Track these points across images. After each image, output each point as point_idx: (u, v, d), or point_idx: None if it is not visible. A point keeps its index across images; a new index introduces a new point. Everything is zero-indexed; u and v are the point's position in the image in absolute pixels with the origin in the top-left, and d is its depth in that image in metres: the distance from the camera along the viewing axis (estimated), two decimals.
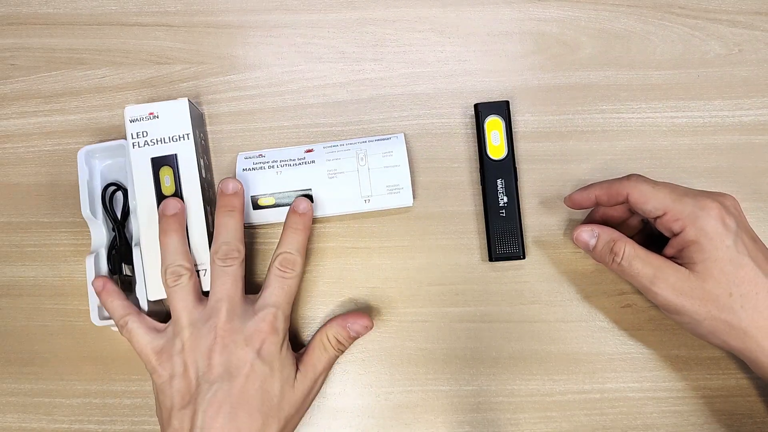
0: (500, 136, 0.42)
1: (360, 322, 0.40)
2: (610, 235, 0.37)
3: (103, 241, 0.42)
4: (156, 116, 0.41)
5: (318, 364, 0.39)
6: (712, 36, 0.46)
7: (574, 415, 0.41)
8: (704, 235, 0.34)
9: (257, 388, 0.36)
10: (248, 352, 0.36)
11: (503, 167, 0.42)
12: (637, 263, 0.36)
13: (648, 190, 0.36)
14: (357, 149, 0.42)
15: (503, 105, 0.43)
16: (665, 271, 0.35)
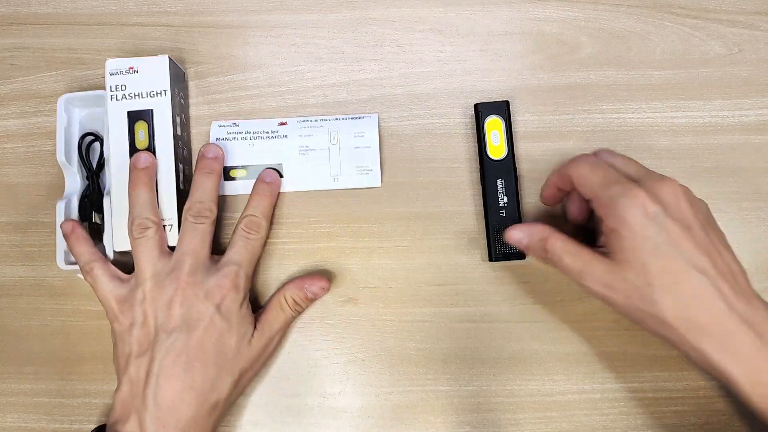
0: (500, 136, 0.42)
1: (317, 283, 0.41)
2: (541, 232, 0.37)
3: (77, 188, 0.44)
4: (136, 71, 0.42)
5: (275, 323, 0.40)
6: (712, 36, 0.46)
7: (574, 415, 0.41)
8: (623, 223, 0.33)
9: (214, 342, 0.37)
10: (208, 306, 0.37)
11: (503, 167, 0.42)
12: (567, 259, 0.35)
13: (585, 173, 0.36)
14: (330, 126, 0.43)
15: (503, 105, 0.43)
16: (592, 264, 0.34)
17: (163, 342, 0.36)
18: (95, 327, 0.43)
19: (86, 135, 0.45)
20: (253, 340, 0.39)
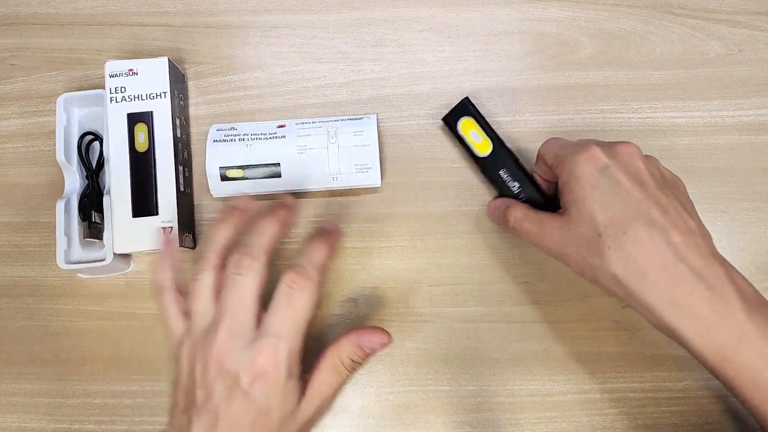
0: (479, 132, 0.41)
1: (377, 339, 0.35)
2: (504, 202, 0.39)
3: (76, 188, 0.44)
4: (135, 73, 0.43)
5: (328, 389, 0.34)
6: (711, 36, 0.46)
7: (575, 415, 0.41)
8: (572, 176, 0.34)
9: (250, 421, 0.31)
10: (242, 382, 0.31)
11: (498, 157, 0.41)
12: (526, 224, 0.37)
13: (550, 143, 0.37)
14: (328, 127, 0.43)
15: (465, 103, 0.42)
16: (548, 224, 0.35)
17: (201, 409, 0.31)
18: (96, 327, 0.43)
19: (86, 134, 0.45)
20: (300, 412, 0.33)
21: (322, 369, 0.34)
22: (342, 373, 0.34)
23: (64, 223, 0.42)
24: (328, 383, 0.34)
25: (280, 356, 0.32)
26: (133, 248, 0.42)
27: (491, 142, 0.41)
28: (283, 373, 0.32)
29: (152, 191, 0.42)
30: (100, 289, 0.44)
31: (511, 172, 0.41)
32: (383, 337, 0.35)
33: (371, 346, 0.34)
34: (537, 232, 0.36)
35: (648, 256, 0.31)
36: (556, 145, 0.37)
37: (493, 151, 0.41)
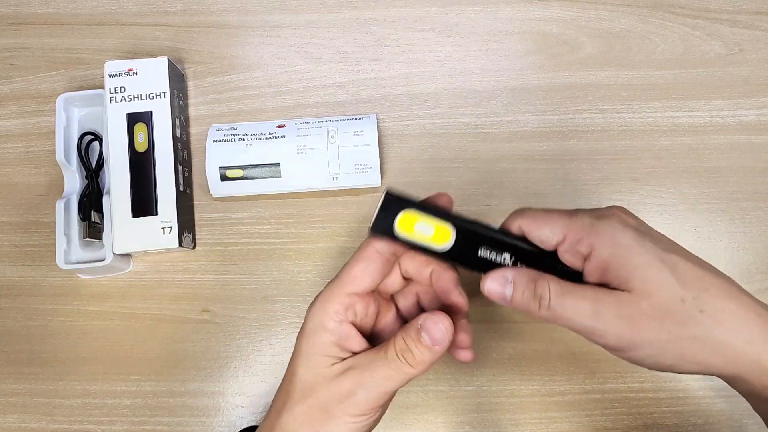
0: (426, 221, 0.30)
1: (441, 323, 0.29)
2: (527, 275, 0.29)
3: (76, 187, 0.44)
4: (135, 73, 0.43)
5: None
6: (712, 36, 0.46)
7: (575, 415, 0.41)
8: (618, 245, 0.27)
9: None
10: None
11: (467, 237, 0.30)
12: (570, 301, 0.28)
13: (539, 214, 0.29)
14: (328, 127, 0.43)
15: (390, 197, 0.30)
16: (605, 300, 0.27)
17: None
18: (95, 327, 0.43)
19: (85, 134, 0.45)
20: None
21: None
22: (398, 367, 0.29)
23: (63, 223, 0.42)
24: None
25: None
26: (132, 248, 0.42)
27: (448, 224, 0.30)
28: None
29: (152, 191, 0.42)
30: (99, 290, 0.44)
31: (494, 243, 0.30)
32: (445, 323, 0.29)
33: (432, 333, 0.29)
34: (590, 312, 0.27)
35: (740, 308, 0.27)
36: (552, 218, 0.29)
37: (457, 234, 0.30)
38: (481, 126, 0.45)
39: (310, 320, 0.30)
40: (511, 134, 0.45)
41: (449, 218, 0.30)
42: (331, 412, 0.29)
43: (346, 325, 0.30)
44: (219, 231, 0.44)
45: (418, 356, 0.29)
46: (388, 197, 0.30)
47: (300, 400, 0.30)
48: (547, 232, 0.29)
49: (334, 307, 0.29)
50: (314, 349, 0.30)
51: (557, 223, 0.29)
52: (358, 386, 0.29)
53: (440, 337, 0.29)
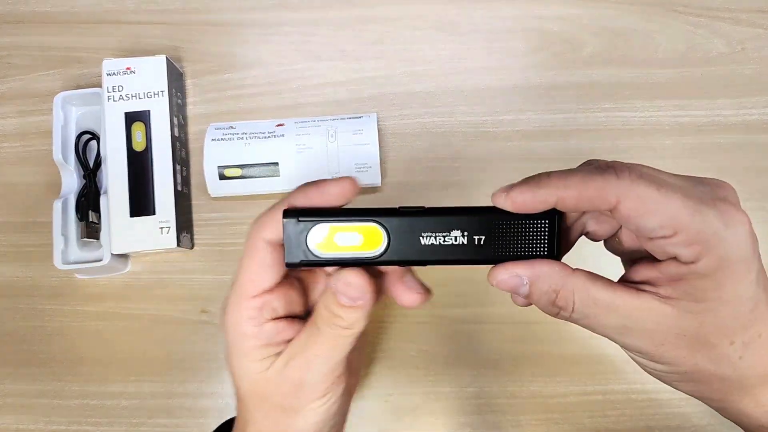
0: (346, 229, 0.25)
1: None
2: (549, 280, 0.24)
3: (74, 187, 0.43)
4: (133, 71, 0.42)
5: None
6: (715, 34, 0.46)
7: (576, 416, 0.41)
8: (727, 267, 0.23)
9: None
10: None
11: (402, 229, 0.25)
12: (597, 314, 0.24)
13: (654, 196, 0.22)
14: (328, 126, 0.42)
15: (290, 216, 0.25)
16: (640, 315, 0.24)
17: None
18: (93, 328, 0.43)
19: (83, 133, 0.44)
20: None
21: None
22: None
23: (61, 223, 0.42)
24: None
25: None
26: (130, 248, 0.41)
27: (371, 222, 0.25)
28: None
29: (150, 191, 0.41)
30: (97, 290, 0.44)
31: (443, 223, 0.25)
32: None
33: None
34: (619, 328, 0.24)
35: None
36: (671, 201, 0.22)
37: (388, 229, 0.25)
38: (482, 125, 0.45)
39: (227, 334, 0.27)
40: (512, 133, 0.44)
41: (370, 215, 0.25)
42: (293, 408, 0.27)
43: (268, 325, 0.27)
44: (217, 231, 0.44)
45: (348, 317, 0.26)
46: (288, 218, 0.25)
47: (257, 413, 0.28)
48: (654, 224, 0.22)
49: (246, 314, 0.27)
50: (245, 361, 0.27)
51: (675, 214, 0.22)
52: (305, 372, 0.27)
53: (358, 294, 0.25)
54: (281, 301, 0.27)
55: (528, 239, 0.25)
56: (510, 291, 0.26)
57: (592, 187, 0.23)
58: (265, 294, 0.27)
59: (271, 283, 0.27)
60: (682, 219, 0.22)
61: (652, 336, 0.24)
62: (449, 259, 0.26)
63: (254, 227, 0.27)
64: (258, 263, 0.27)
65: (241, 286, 0.27)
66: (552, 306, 0.25)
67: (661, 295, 0.24)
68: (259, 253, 0.27)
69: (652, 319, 0.24)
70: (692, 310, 0.24)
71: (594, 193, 0.23)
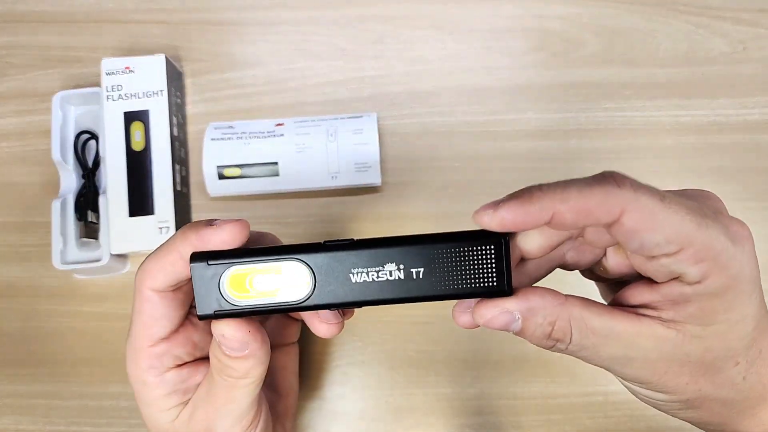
0: (264, 271, 0.23)
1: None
2: (543, 311, 0.22)
3: (72, 187, 0.43)
4: (132, 71, 0.42)
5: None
6: (716, 33, 0.46)
7: (578, 417, 0.41)
8: (737, 287, 0.21)
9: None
10: None
11: (328, 267, 0.23)
12: (596, 344, 0.22)
13: (658, 208, 0.20)
14: (327, 125, 0.42)
15: (199, 262, 0.23)
16: (642, 343, 0.22)
17: None
18: (92, 328, 0.43)
19: (82, 133, 0.44)
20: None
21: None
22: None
23: (60, 223, 0.42)
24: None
25: None
26: (129, 248, 0.41)
27: (295, 261, 0.22)
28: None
29: (149, 190, 0.41)
30: (96, 290, 0.43)
31: (375, 256, 0.23)
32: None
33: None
34: (621, 358, 0.22)
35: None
36: (676, 215, 0.21)
37: (315, 272, 0.22)
38: (482, 124, 0.44)
39: (131, 383, 0.27)
40: (512, 133, 0.44)
41: (292, 252, 0.22)
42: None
43: (170, 373, 0.26)
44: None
45: (239, 368, 0.24)
46: (196, 262, 0.22)
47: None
48: (659, 239, 0.20)
49: (145, 363, 0.26)
50: (151, 411, 0.26)
51: (681, 229, 0.20)
52: (212, 422, 0.26)
53: (238, 346, 0.23)
54: (183, 347, 0.26)
55: (473, 269, 0.22)
56: (500, 329, 0.22)
57: (593, 199, 0.20)
58: (162, 342, 0.26)
59: (166, 333, 0.26)
60: (688, 233, 0.21)
61: (655, 365, 0.22)
62: (386, 299, 0.23)
63: (139, 276, 0.25)
64: (148, 315, 0.25)
65: (136, 335, 0.26)
66: (547, 339, 0.23)
67: (664, 320, 0.22)
68: (148, 303, 0.25)
69: (655, 347, 0.22)
70: (698, 334, 0.22)
71: (595, 205, 0.20)
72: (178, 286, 0.25)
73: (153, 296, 0.25)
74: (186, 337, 0.26)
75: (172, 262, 0.24)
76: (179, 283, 0.25)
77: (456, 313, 0.24)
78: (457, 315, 0.24)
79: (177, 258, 0.24)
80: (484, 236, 0.22)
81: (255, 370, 0.25)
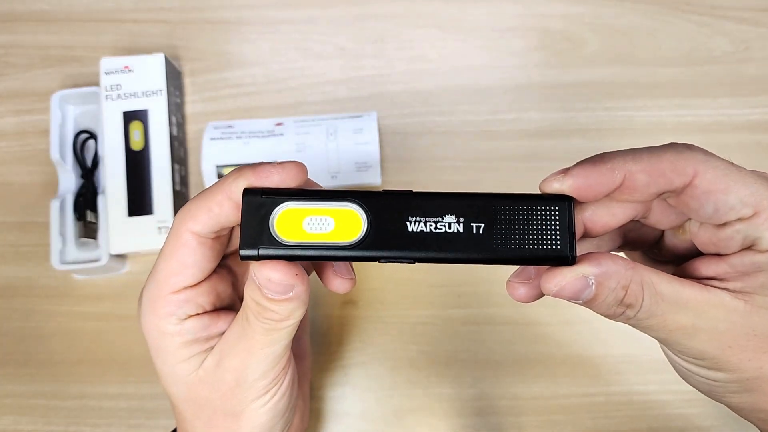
0: (315, 212, 0.21)
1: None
2: (618, 276, 0.21)
3: (71, 186, 0.43)
4: (131, 70, 0.42)
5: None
6: (718, 33, 0.45)
7: (579, 418, 0.40)
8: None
9: None
10: None
11: (387, 209, 0.21)
12: (665, 311, 0.21)
13: (732, 170, 0.21)
14: (327, 125, 0.42)
15: (253, 197, 0.21)
16: (712, 312, 0.21)
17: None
18: (91, 328, 0.43)
19: (81, 132, 0.44)
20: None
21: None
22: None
23: (58, 222, 0.41)
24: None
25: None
26: (128, 248, 0.41)
27: (350, 203, 0.21)
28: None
29: (148, 190, 0.41)
30: (95, 290, 0.43)
31: (435, 206, 0.21)
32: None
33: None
34: (689, 328, 0.22)
35: None
36: (749, 177, 0.21)
37: (370, 216, 0.21)
38: (483, 124, 0.44)
39: (147, 334, 0.24)
40: (514, 132, 0.44)
41: (347, 196, 0.21)
42: (234, 411, 0.24)
43: (192, 321, 0.24)
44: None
45: (281, 310, 0.23)
46: (249, 196, 0.21)
47: (197, 421, 0.25)
48: (734, 201, 0.20)
49: (165, 310, 0.24)
50: (170, 362, 0.24)
51: (756, 192, 0.20)
52: (241, 370, 0.24)
53: (282, 290, 0.22)
54: (207, 296, 0.24)
55: (536, 231, 0.21)
56: (571, 298, 0.21)
57: (666, 159, 0.21)
58: (186, 290, 0.24)
59: (195, 281, 0.24)
60: (764, 196, 0.20)
61: (721, 337, 0.22)
62: (441, 256, 0.21)
63: (181, 216, 0.23)
64: (182, 259, 0.23)
65: (160, 280, 0.24)
66: (618, 306, 0.21)
67: (732, 290, 0.21)
68: (184, 248, 0.23)
69: (725, 317, 0.21)
70: (759, 304, 0.21)
71: (668, 166, 0.20)
72: (220, 233, 0.24)
73: (191, 240, 0.23)
74: (211, 286, 0.25)
75: (219, 202, 0.22)
76: (222, 229, 0.24)
77: (513, 284, 0.23)
78: (514, 286, 0.23)
79: (225, 198, 0.22)
80: (550, 198, 0.21)
81: (298, 311, 0.23)
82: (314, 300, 0.43)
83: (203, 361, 0.24)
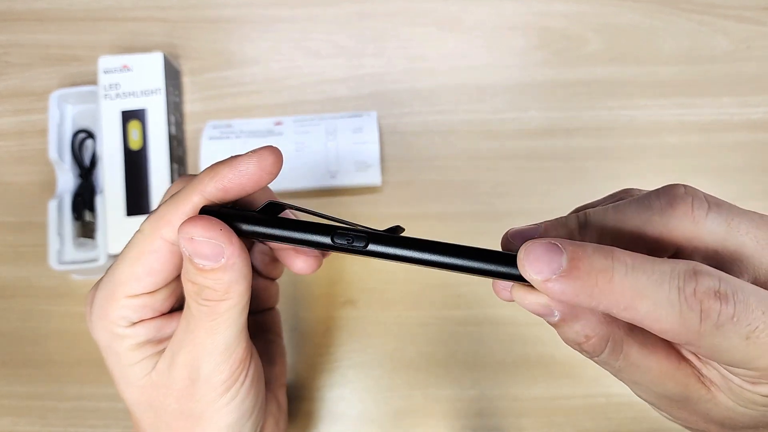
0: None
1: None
2: (585, 322, 0.20)
3: (69, 186, 0.43)
4: (129, 69, 0.42)
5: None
6: (719, 32, 0.45)
7: (579, 420, 0.40)
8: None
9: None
10: None
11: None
12: (622, 369, 0.20)
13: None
14: (327, 124, 0.42)
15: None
16: (666, 384, 0.20)
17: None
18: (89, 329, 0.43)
19: (79, 132, 0.44)
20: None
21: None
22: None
23: (56, 222, 0.41)
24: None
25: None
26: None
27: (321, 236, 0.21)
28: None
29: (146, 190, 0.41)
30: None
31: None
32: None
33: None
34: (660, 378, 0.20)
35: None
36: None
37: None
38: (484, 123, 0.44)
39: (96, 335, 0.24)
40: (515, 131, 0.44)
41: (321, 232, 0.21)
42: (194, 413, 0.23)
43: (144, 323, 0.23)
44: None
45: (216, 285, 0.21)
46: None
47: (156, 428, 0.24)
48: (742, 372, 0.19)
49: (118, 313, 0.23)
50: (122, 365, 0.23)
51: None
52: (192, 365, 0.22)
53: (212, 250, 0.20)
54: (165, 300, 0.23)
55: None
56: (538, 315, 0.21)
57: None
58: (145, 296, 0.23)
59: (156, 288, 0.23)
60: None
61: (670, 401, 0.21)
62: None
63: (154, 221, 0.22)
64: (149, 265, 0.22)
65: (118, 283, 0.22)
66: (576, 345, 0.21)
67: (703, 375, 0.20)
68: (153, 254, 0.22)
69: (680, 393, 0.20)
70: (729, 407, 0.20)
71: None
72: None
73: (163, 247, 0.22)
74: (171, 290, 0.23)
75: (196, 206, 0.21)
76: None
77: (497, 286, 0.23)
78: (497, 289, 0.23)
79: (201, 201, 0.21)
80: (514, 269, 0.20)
81: (236, 285, 0.21)
82: (313, 300, 0.42)
83: (155, 363, 0.23)
